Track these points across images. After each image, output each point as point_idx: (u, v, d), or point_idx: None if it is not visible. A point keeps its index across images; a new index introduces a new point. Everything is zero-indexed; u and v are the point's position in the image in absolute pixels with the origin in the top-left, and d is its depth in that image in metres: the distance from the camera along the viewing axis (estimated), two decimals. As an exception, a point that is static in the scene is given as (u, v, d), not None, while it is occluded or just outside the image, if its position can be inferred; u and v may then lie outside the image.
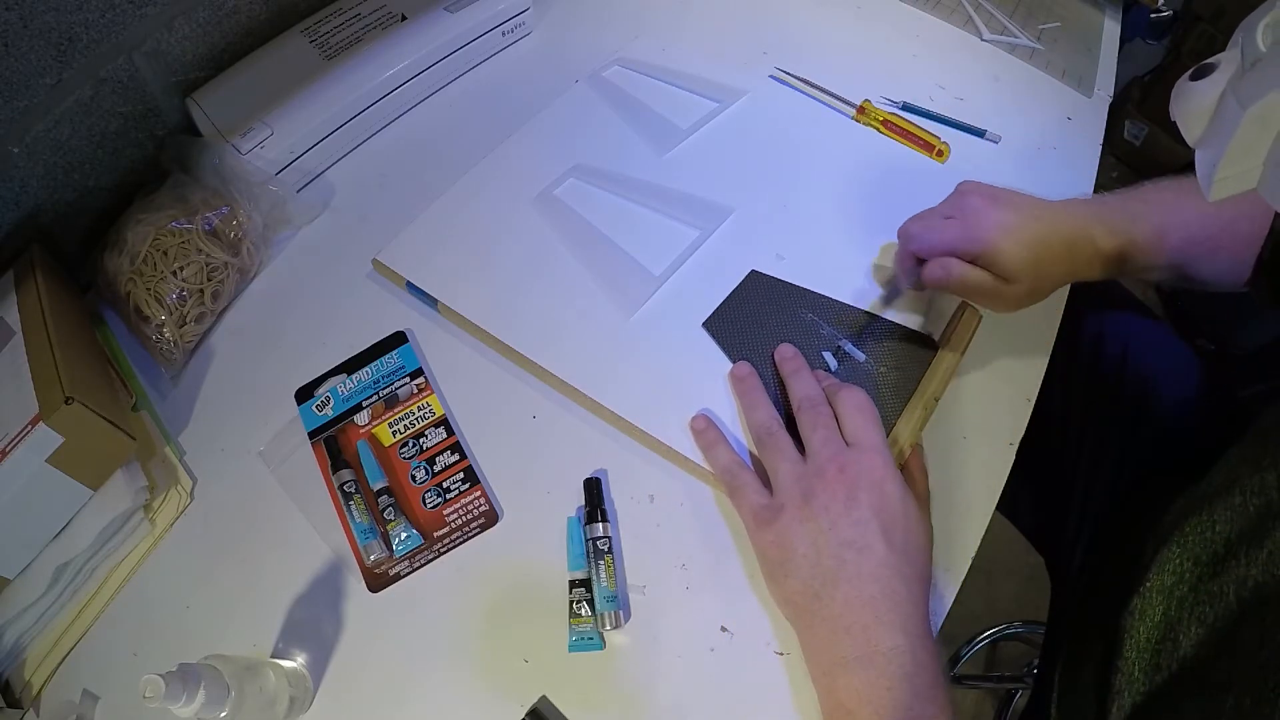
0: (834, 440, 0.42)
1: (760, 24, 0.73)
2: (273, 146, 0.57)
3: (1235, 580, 0.35)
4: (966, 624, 1.16)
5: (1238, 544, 0.36)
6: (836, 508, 0.39)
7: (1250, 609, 0.34)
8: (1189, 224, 0.47)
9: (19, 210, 0.51)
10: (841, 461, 0.41)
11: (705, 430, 0.46)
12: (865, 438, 0.42)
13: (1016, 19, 0.76)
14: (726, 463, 0.44)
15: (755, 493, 0.42)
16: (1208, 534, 0.39)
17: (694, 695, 0.40)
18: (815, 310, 0.52)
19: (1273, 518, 0.35)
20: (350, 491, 0.45)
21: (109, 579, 0.44)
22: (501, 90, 0.67)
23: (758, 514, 0.41)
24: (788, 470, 0.42)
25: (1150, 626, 0.40)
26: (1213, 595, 0.37)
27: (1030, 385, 0.50)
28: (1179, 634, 0.38)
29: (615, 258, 0.55)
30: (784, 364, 0.48)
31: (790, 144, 0.62)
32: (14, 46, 0.46)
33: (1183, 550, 0.40)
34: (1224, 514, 0.39)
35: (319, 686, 0.41)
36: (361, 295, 0.55)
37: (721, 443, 0.45)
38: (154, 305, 0.50)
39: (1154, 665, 0.39)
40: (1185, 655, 0.37)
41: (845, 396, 0.44)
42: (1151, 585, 0.41)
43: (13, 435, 0.40)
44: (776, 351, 0.49)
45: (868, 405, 0.44)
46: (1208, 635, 0.36)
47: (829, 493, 0.40)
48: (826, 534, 0.39)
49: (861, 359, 0.49)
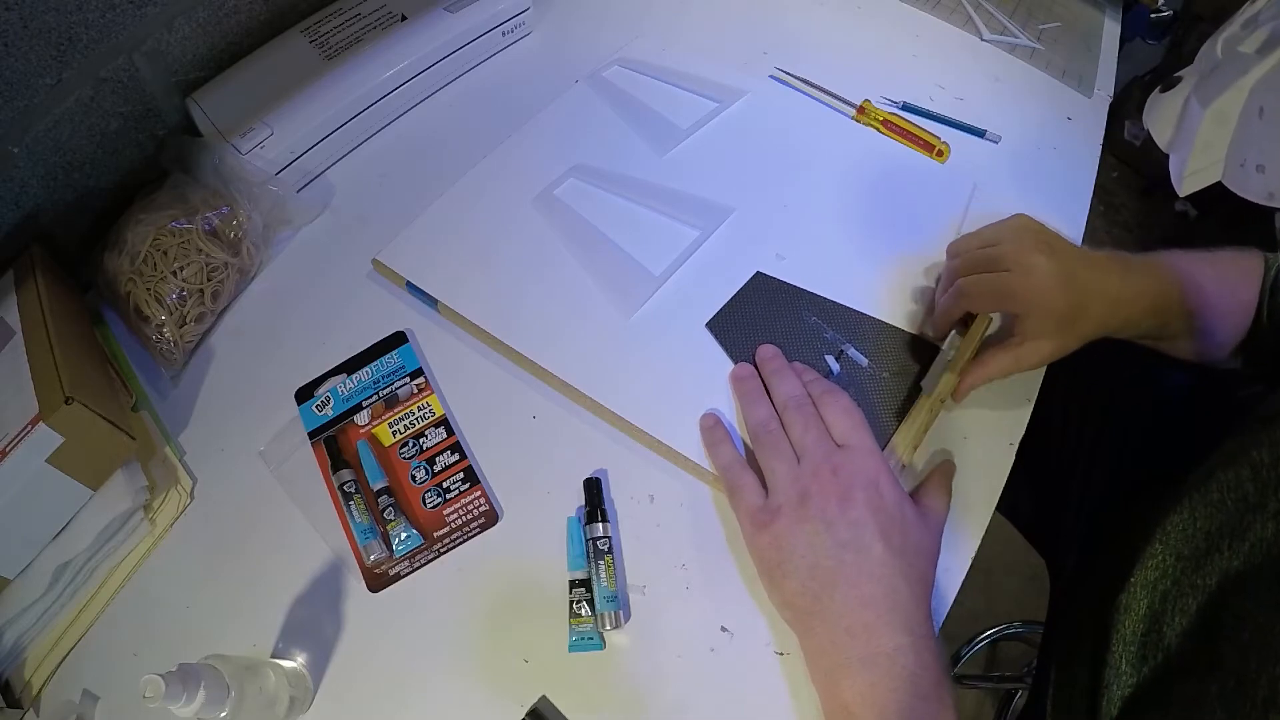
0: (825, 441, 0.42)
1: (760, 24, 0.73)
2: (273, 146, 0.57)
3: (1218, 572, 0.36)
4: (966, 624, 1.16)
5: (1219, 538, 0.37)
6: (833, 509, 0.39)
7: (1231, 597, 0.34)
8: (1202, 285, 0.48)
9: (19, 210, 0.51)
10: (835, 463, 0.41)
11: (713, 428, 0.46)
12: (855, 439, 0.42)
13: (1016, 19, 0.76)
14: (728, 461, 0.44)
15: (753, 494, 0.42)
16: (1188, 529, 0.40)
17: (694, 695, 0.40)
18: (819, 313, 0.52)
19: (1250, 511, 0.36)
20: (350, 491, 0.45)
21: (109, 579, 0.44)
22: (501, 90, 0.67)
23: (754, 517, 0.41)
24: (784, 471, 0.42)
25: (1135, 620, 0.41)
26: (1195, 588, 0.37)
27: (1030, 385, 0.50)
28: (1163, 626, 0.38)
29: (615, 258, 0.55)
30: (765, 364, 0.48)
31: (790, 144, 0.62)
32: (14, 46, 0.46)
33: (1165, 546, 0.41)
34: (1203, 510, 0.39)
35: (319, 686, 0.41)
36: (361, 295, 0.55)
37: (726, 441, 0.45)
38: (154, 305, 0.50)
39: (1140, 657, 0.39)
40: (1170, 646, 0.37)
41: (830, 400, 0.44)
42: (1136, 580, 0.42)
43: (13, 435, 0.40)
44: (758, 352, 0.49)
45: (853, 408, 0.44)
46: (1190, 625, 0.36)
47: (824, 493, 0.40)
48: (824, 535, 0.39)
49: (864, 363, 0.49)
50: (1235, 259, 0.50)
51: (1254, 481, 0.36)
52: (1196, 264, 0.49)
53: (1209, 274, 0.48)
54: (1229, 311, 0.49)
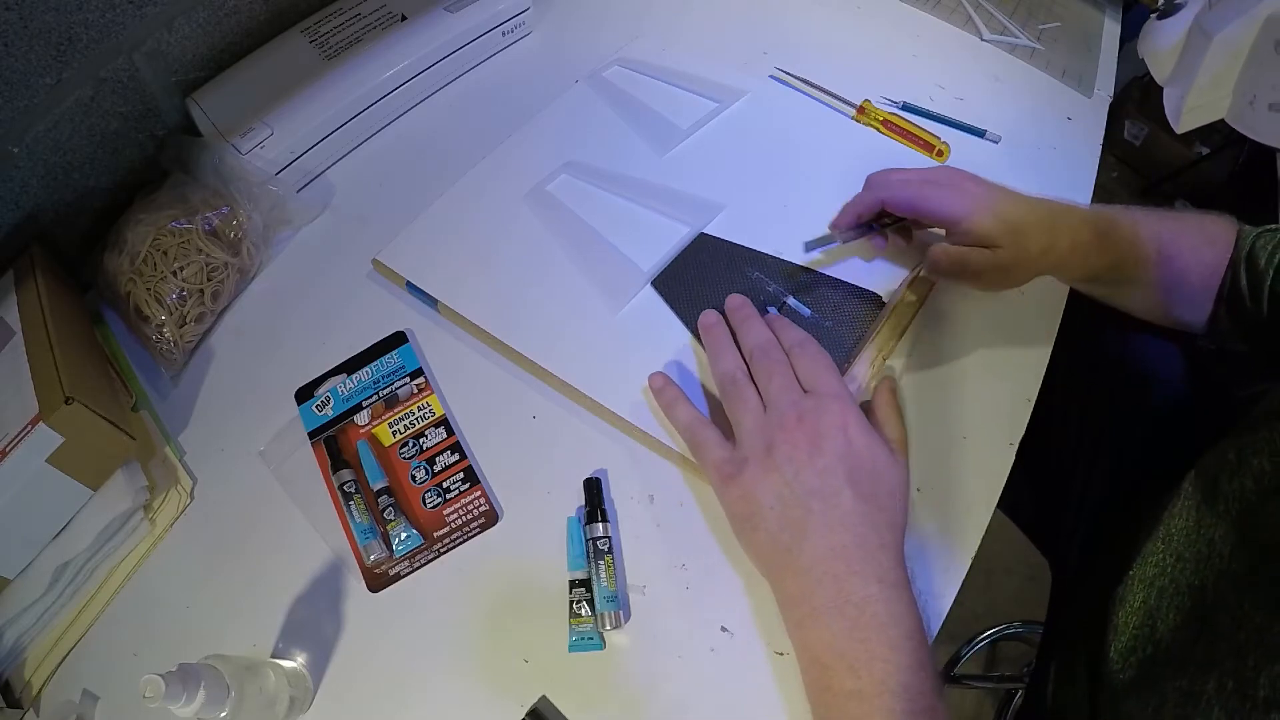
0: (792, 388, 0.42)
1: (760, 24, 0.73)
2: (273, 146, 0.57)
3: (1216, 574, 0.36)
4: (966, 624, 1.16)
5: (1221, 544, 0.37)
6: (800, 457, 0.38)
7: (1227, 595, 0.34)
8: (1160, 234, 0.47)
9: (19, 210, 0.51)
10: (801, 409, 0.40)
11: (664, 388, 0.46)
12: (823, 384, 0.41)
13: (1016, 19, 0.76)
14: (688, 420, 0.44)
15: (718, 447, 0.42)
16: (1192, 536, 0.40)
17: (694, 695, 0.40)
18: (761, 268, 0.53)
19: (1250, 513, 0.35)
20: (350, 491, 0.45)
21: (109, 579, 0.44)
22: (501, 90, 0.67)
23: (721, 469, 0.41)
24: (750, 423, 0.41)
25: (1129, 612, 0.41)
26: (1193, 588, 0.37)
27: (1030, 385, 0.50)
28: (1157, 621, 0.38)
29: (604, 253, 0.55)
30: (734, 313, 0.48)
31: (790, 144, 0.62)
32: (14, 46, 0.46)
33: (1167, 546, 0.41)
34: (1209, 518, 0.39)
35: (319, 686, 0.41)
36: (361, 295, 0.55)
37: (681, 400, 0.45)
38: (154, 305, 0.50)
39: (1132, 649, 0.39)
40: (1162, 640, 0.37)
41: (799, 349, 0.44)
42: (1134, 575, 0.42)
43: (13, 435, 0.40)
44: (727, 301, 0.49)
45: (820, 352, 0.43)
46: (1185, 621, 0.36)
47: (791, 442, 0.39)
48: (791, 484, 0.38)
49: (807, 314, 0.51)
50: (1201, 222, 0.49)
51: (1257, 492, 0.36)
52: (1156, 218, 0.48)
53: (1170, 227, 0.48)
54: (1188, 268, 0.48)
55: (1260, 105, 0.27)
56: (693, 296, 0.52)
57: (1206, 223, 0.49)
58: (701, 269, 0.54)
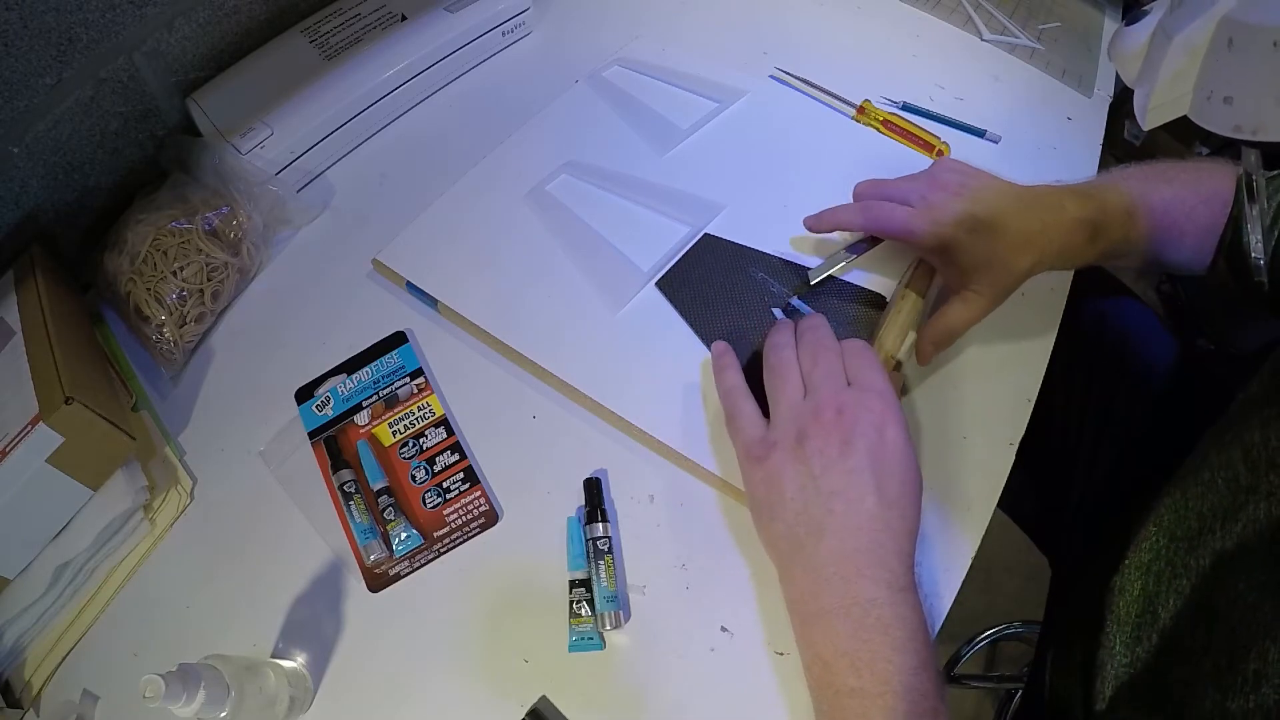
0: (836, 376, 0.40)
1: (760, 24, 0.73)
2: (273, 146, 0.57)
3: (1210, 553, 0.36)
4: (966, 624, 1.16)
5: (1211, 519, 0.37)
6: (831, 453, 0.38)
7: (1224, 578, 0.34)
8: (1153, 206, 0.47)
9: (19, 210, 0.51)
10: (840, 402, 0.39)
11: (723, 354, 0.46)
12: (868, 379, 0.40)
13: (1016, 19, 0.76)
14: (730, 385, 0.43)
15: (751, 424, 0.41)
16: (1181, 511, 0.39)
17: (694, 695, 0.40)
18: (766, 270, 0.53)
19: (1242, 492, 0.35)
20: (350, 491, 0.45)
21: (109, 579, 0.44)
22: (501, 90, 0.67)
23: (750, 448, 0.40)
24: (787, 404, 0.40)
25: (1129, 601, 0.40)
26: (1189, 569, 0.37)
27: (1030, 385, 0.50)
28: (1157, 607, 0.38)
29: (604, 253, 0.55)
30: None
31: (790, 144, 0.62)
32: (14, 46, 0.46)
33: (1159, 528, 0.41)
34: (1195, 490, 0.39)
35: (319, 686, 0.41)
36: (361, 295, 0.55)
37: (733, 368, 0.44)
38: (154, 305, 0.50)
39: (1134, 638, 0.39)
40: (1164, 626, 0.37)
41: (850, 343, 0.43)
42: (1130, 563, 0.42)
43: (13, 435, 0.40)
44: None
45: (867, 349, 0.42)
46: (1184, 605, 0.36)
47: (824, 436, 0.38)
48: (817, 480, 0.37)
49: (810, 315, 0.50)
50: (1198, 178, 0.49)
51: (1245, 463, 0.36)
52: (1151, 183, 0.48)
53: (1165, 194, 0.47)
54: (1185, 232, 0.48)
55: (1216, 99, 0.29)
56: (696, 297, 0.52)
57: (1203, 177, 0.49)
58: (705, 270, 0.54)
